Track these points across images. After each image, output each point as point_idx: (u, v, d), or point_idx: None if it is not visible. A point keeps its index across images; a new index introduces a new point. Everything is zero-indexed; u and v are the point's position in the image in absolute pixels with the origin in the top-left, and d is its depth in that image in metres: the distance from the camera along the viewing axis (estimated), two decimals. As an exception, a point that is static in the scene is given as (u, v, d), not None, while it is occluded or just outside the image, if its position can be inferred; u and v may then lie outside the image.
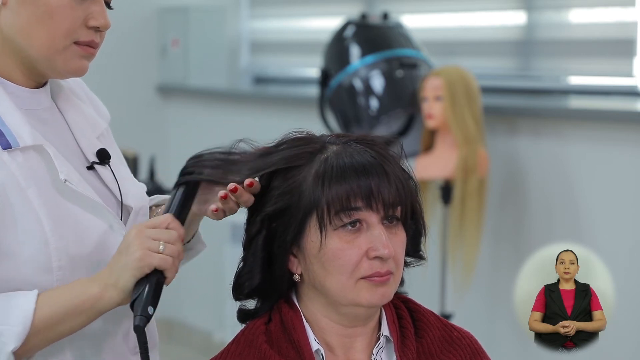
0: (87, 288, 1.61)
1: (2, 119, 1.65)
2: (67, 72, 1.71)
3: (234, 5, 5.65)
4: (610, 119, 3.56)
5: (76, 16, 1.67)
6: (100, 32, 1.72)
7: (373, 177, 1.59)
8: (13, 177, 1.62)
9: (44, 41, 1.66)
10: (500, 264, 3.87)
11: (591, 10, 3.91)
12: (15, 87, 1.70)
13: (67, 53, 1.68)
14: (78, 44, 1.69)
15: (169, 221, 1.64)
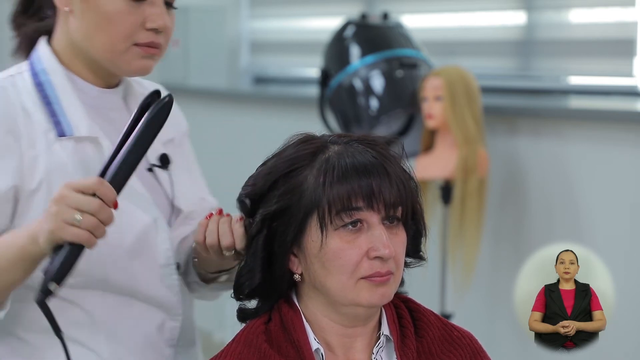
0: (17, 237, 1.61)
1: (63, 110, 1.77)
2: (131, 72, 1.80)
3: (234, 5, 5.65)
4: (610, 119, 3.56)
5: (133, 20, 1.76)
6: (161, 33, 1.79)
7: (374, 177, 1.59)
8: (62, 163, 1.73)
9: (105, 45, 1.76)
10: (500, 264, 3.86)
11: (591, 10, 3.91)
12: (85, 84, 1.81)
13: (128, 54, 1.77)
14: (138, 45, 1.77)
15: (97, 187, 1.54)
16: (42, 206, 1.69)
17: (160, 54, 1.81)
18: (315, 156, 1.62)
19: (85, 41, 1.78)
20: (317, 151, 1.63)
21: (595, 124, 3.58)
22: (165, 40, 1.81)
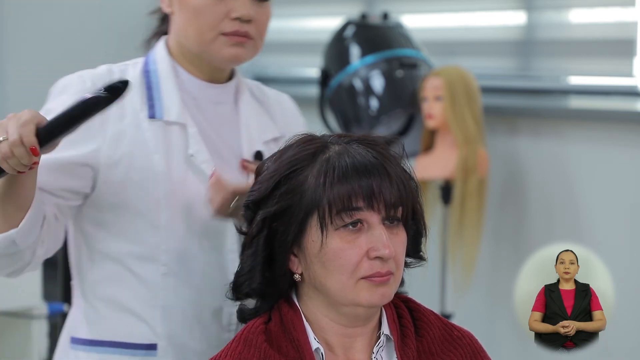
0: None
1: (160, 95, 1.91)
2: (224, 60, 1.92)
3: (234, 5, 5.65)
4: (610, 119, 3.55)
5: (218, 11, 1.88)
6: (249, 22, 1.89)
7: (375, 178, 1.59)
8: (144, 142, 1.86)
9: (195, 36, 1.90)
10: (500, 264, 3.86)
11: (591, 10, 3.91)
12: (188, 77, 1.95)
13: (216, 44, 1.89)
14: (225, 35, 1.88)
15: (22, 126, 1.60)
16: (122, 179, 1.83)
17: (251, 43, 1.91)
18: (315, 156, 1.62)
19: (183, 36, 1.93)
20: (318, 151, 1.63)
21: (595, 124, 3.58)
22: (256, 31, 1.91)
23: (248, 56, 1.92)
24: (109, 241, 1.87)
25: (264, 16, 1.92)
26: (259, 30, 1.92)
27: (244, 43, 1.90)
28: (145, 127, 1.88)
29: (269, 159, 1.69)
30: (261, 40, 1.94)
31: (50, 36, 5.48)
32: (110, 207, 1.86)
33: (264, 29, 1.93)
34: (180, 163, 1.87)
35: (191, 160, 1.87)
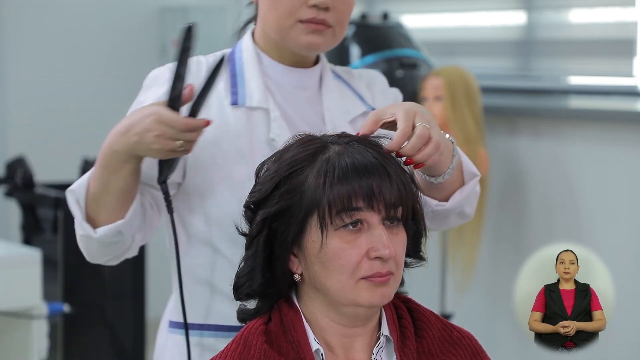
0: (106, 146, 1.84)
1: (243, 82, 1.97)
2: (301, 47, 1.93)
3: (234, 5, 5.65)
4: (610, 119, 3.56)
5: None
6: (327, 10, 1.90)
7: (375, 178, 1.59)
8: (228, 127, 1.90)
9: (274, 23, 1.93)
10: (500, 264, 3.87)
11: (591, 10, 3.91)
12: (271, 62, 1.98)
13: (294, 31, 1.91)
14: (302, 22, 1.90)
15: (188, 127, 1.72)
16: (208, 164, 1.89)
17: (329, 31, 1.91)
18: (315, 157, 1.62)
19: (264, 23, 1.96)
20: (318, 151, 1.63)
21: (595, 124, 3.58)
22: (336, 19, 1.91)
23: (326, 44, 1.93)
24: (201, 225, 1.91)
25: (344, 4, 1.92)
26: (338, 18, 1.92)
27: (321, 31, 1.91)
28: (229, 113, 1.92)
29: (269, 160, 1.69)
30: (341, 28, 1.93)
31: (50, 36, 5.48)
32: (198, 192, 1.90)
33: (344, 17, 1.93)
34: (263, 147, 1.89)
35: (273, 144, 1.88)
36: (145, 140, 1.74)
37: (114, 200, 1.82)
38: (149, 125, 1.73)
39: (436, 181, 1.81)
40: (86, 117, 5.51)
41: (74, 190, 1.87)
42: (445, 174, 1.80)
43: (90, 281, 4.54)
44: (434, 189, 1.85)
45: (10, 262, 3.25)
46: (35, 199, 4.55)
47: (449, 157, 1.80)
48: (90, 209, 1.86)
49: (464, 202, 1.88)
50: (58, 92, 5.47)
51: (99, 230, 1.85)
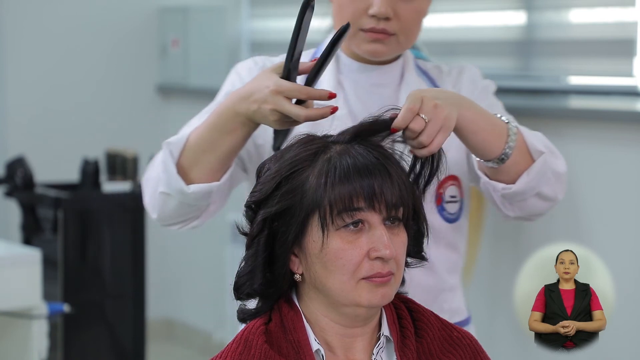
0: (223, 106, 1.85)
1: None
2: (364, 54, 1.96)
3: (234, 5, 5.65)
4: (610, 119, 3.56)
5: (357, 7, 1.93)
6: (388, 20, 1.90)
7: (376, 178, 1.59)
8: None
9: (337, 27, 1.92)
10: (500, 264, 3.87)
11: (591, 10, 3.91)
12: (348, 61, 2.01)
13: (357, 39, 1.95)
14: (364, 31, 1.92)
15: (309, 97, 1.73)
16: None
17: (392, 39, 1.92)
18: (316, 156, 1.62)
19: (335, 26, 2.01)
20: (319, 151, 1.63)
21: (595, 124, 3.58)
22: (399, 27, 1.91)
23: (390, 52, 1.93)
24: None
25: (409, 12, 1.91)
26: (402, 27, 1.91)
27: (382, 40, 1.91)
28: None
29: (271, 160, 1.68)
30: (407, 36, 1.92)
31: (50, 36, 5.48)
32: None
33: (409, 25, 1.92)
34: None
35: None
36: (262, 111, 1.76)
37: (216, 160, 1.84)
38: (267, 97, 1.74)
39: (494, 165, 1.80)
40: (86, 117, 5.51)
41: (171, 142, 1.92)
42: (502, 155, 1.78)
43: (90, 281, 4.55)
44: (499, 172, 1.82)
45: (10, 262, 3.25)
46: (35, 199, 4.56)
47: (498, 139, 1.78)
48: (185, 165, 1.87)
49: (536, 183, 1.84)
50: (58, 93, 5.47)
51: (192, 187, 1.86)
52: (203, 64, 5.52)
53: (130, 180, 4.62)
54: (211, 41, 5.52)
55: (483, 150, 1.79)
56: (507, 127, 1.80)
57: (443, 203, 1.96)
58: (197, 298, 5.56)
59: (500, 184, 1.84)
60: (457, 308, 2.04)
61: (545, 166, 1.84)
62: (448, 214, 1.97)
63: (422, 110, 1.68)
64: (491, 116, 1.80)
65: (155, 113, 5.71)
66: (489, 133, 1.77)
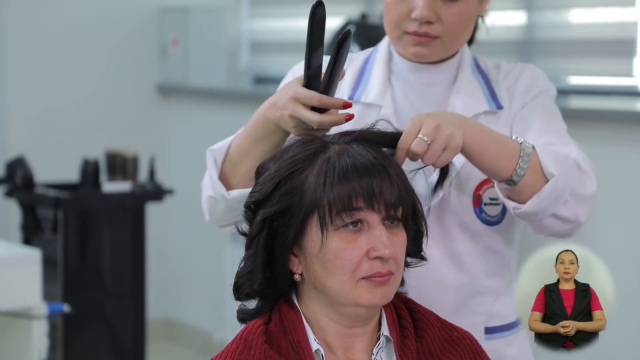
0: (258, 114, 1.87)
1: (368, 79, 2.00)
2: (409, 57, 1.96)
3: (234, 5, 5.65)
4: (610, 119, 3.56)
5: (400, 10, 1.92)
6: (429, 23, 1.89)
7: (375, 178, 1.59)
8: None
9: (387, 31, 1.97)
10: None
11: (591, 10, 3.91)
12: (400, 60, 1.99)
13: (401, 41, 1.94)
14: (408, 34, 1.92)
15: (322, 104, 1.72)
16: None
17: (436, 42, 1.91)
18: (315, 156, 1.62)
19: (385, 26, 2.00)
20: (318, 151, 1.63)
21: (595, 124, 3.58)
22: (443, 30, 1.90)
23: (435, 54, 1.93)
24: None
25: (452, 16, 1.90)
26: (446, 29, 1.90)
27: (425, 43, 1.91)
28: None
29: (270, 160, 1.69)
30: (452, 39, 1.92)
31: (50, 36, 5.48)
32: None
33: (454, 28, 1.91)
34: None
35: None
36: (283, 118, 1.77)
37: (250, 166, 1.85)
38: (286, 103, 1.76)
39: (506, 186, 1.80)
40: (86, 117, 5.51)
41: (214, 150, 1.94)
42: (513, 177, 1.78)
43: (90, 281, 4.54)
44: (513, 192, 1.82)
45: (10, 262, 3.24)
46: (35, 199, 4.56)
47: (508, 160, 1.78)
48: (226, 171, 1.91)
49: (548, 205, 1.82)
50: (58, 92, 5.47)
51: (232, 192, 1.90)
52: (203, 64, 5.52)
53: (130, 180, 4.62)
54: (211, 41, 5.52)
55: (492, 172, 1.79)
56: (519, 149, 1.79)
57: (482, 205, 1.94)
58: (197, 298, 5.56)
59: (512, 203, 1.83)
60: (496, 312, 1.98)
61: (557, 189, 1.82)
62: (487, 216, 1.94)
63: (422, 133, 1.69)
64: (501, 137, 1.80)
65: (155, 113, 5.71)
66: (497, 154, 1.77)
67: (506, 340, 1.98)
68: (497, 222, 1.96)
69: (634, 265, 3.43)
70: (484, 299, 1.97)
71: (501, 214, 1.96)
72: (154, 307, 5.36)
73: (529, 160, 1.79)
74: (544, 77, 2.03)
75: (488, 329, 1.95)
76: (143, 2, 5.68)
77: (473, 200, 1.93)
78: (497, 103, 1.97)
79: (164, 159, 5.49)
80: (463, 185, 1.93)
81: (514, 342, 1.99)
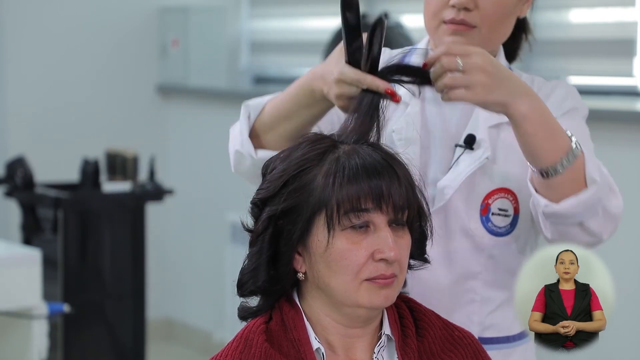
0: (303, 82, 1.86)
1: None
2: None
3: (234, 5, 5.65)
4: (610, 119, 3.56)
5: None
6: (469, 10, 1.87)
7: (384, 179, 1.59)
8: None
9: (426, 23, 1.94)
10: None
11: (591, 10, 3.91)
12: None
13: (439, 31, 1.91)
14: (446, 23, 1.89)
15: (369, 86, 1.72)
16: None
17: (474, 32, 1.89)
18: (324, 156, 1.62)
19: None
20: (327, 151, 1.63)
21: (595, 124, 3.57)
22: (481, 19, 1.87)
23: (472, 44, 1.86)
24: None
25: (490, 4, 1.87)
26: (484, 19, 1.88)
27: (462, 32, 1.88)
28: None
29: (278, 158, 1.68)
30: (490, 29, 1.90)
31: (50, 36, 5.48)
32: None
33: (492, 17, 1.88)
34: (389, 136, 1.88)
35: (392, 136, 1.89)
36: (329, 95, 1.77)
37: (292, 129, 1.86)
38: (331, 83, 1.76)
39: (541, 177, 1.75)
40: (86, 117, 5.51)
41: (250, 105, 1.93)
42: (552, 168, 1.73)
43: (90, 281, 4.54)
44: (547, 187, 1.76)
45: (10, 262, 3.24)
46: (35, 199, 4.56)
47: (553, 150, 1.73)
48: (259, 128, 1.91)
49: (582, 211, 1.78)
50: (58, 92, 5.47)
51: (260, 153, 1.90)
52: (203, 64, 5.52)
53: (130, 180, 4.62)
54: (211, 41, 5.52)
55: (532, 155, 1.75)
56: (570, 145, 1.76)
57: (489, 214, 1.91)
58: (197, 298, 5.56)
59: (544, 200, 1.77)
60: (492, 324, 1.95)
61: (595, 198, 1.79)
62: (494, 226, 1.91)
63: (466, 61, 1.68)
64: (557, 126, 1.76)
65: (155, 113, 5.71)
66: (544, 139, 1.73)
67: (501, 353, 1.93)
68: (504, 233, 1.92)
69: (634, 265, 3.43)
70: (480, 308, 1.94)
71: (510, 226, 1.92)
72: (154, 307, 5.36)
73: (574, 160, 1.75)
74: (577, 96, 2.00)
75: (482, 340, 1.88)
76: (143, 2, 5.67)
77: (481, 208, 1.91)
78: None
79: (164, 159, 5.49)
80: (472, 192, 1.90)
81: (511, 356, 1.94)
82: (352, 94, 1.74)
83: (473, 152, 1.90)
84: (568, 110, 1.97)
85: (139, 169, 4.68)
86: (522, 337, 1.97)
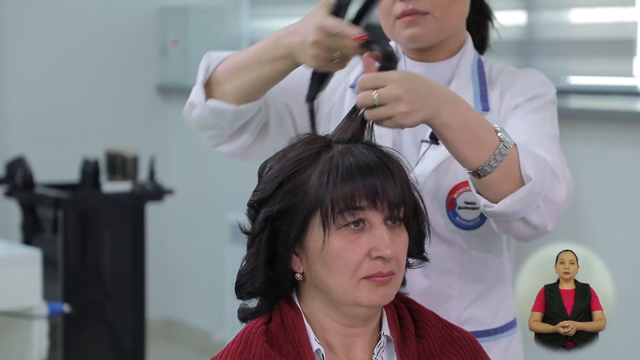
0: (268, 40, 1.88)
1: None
2: (405, 42, 1.94)
3: (234, 5, 5.65)
4: (610, 119, 3.56)
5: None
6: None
7: (378, 177, 1.59)
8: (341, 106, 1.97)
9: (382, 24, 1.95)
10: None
11: (591, 10, 3.91)
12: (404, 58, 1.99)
13: (395, 29, 1.92)
14: (399, 18, 1.91)
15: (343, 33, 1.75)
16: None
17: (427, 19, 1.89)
18: (319, 155, 1.62)
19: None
20: (321, 150, 1.63)
21: (595, 124, 3.58)
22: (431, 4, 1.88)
23: (430, 33, 1.90)
24: None
25: None
26: (434, 2, 1.88)
27: (416, 21, 1.89)
28: (347, 95, 1.98)
29: (273, 159, 1.68)
30: (443, 12, 1.89)
31: (50, 36, 5.48)
32: None
33: (443, 2, 1.89)
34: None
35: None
36: (304, 45, 1.77)
37: (248, 82, 1.88)
38: (310, 31, 1.76)
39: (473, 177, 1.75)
40: (86, 117, 5.52)
41: (212, 55, 1.96)
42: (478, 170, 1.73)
43: (90, 281, 4.55)
44: (483, 187, 1.76)
45: (10, 262, 3.25)
46: (35, 199, 4.56)
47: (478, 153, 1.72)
48: (216, 78, 1.93)
49: (520, 208, 1.76)
50: (58, 92, 5.48)
51: (210, 102, 1.92)
52: (203, 64, 5.52)
53: (130, 180, 4.62)
54: (211, 41, 5.52)
55: (459, 158, 1.75)
56: (497, 145, 1.73)
57: (455, 208, 1.90)
58: (197, 298, 5.56)
59: (484, 200, 1.77)
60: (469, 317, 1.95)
61: (532, 194, 1.76)
62: (462, 220, 1.91)
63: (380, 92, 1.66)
64: (480, 128, 1.74)
65: (155, 113, 5.71)
66: (467, 143, 1.72)
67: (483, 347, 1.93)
68: (475, 226, 1.92)
69: (634, 265, 3.43)
70: (456, 302, 1.94)
71: (480, 218, 1.91)
72: (154, 307, 5.36)
73: (502, 158, 1.73)
74: (544, 82, 2.00)
75: None
76: (143, 2, 5.68)
77: (446, 203, 1.91)
78: (485, 105, 1.95)
79: (164, 159, 5.49)
80: (435, 189, 1.90)
81: (492, 349, 1.91)
82: (329, 46, 1.74)
83: (438, 147, 1.89)
84: (533, 96, 1.97)
85: (139, 169, 4.68)
86: (505, 330, 1.98)
